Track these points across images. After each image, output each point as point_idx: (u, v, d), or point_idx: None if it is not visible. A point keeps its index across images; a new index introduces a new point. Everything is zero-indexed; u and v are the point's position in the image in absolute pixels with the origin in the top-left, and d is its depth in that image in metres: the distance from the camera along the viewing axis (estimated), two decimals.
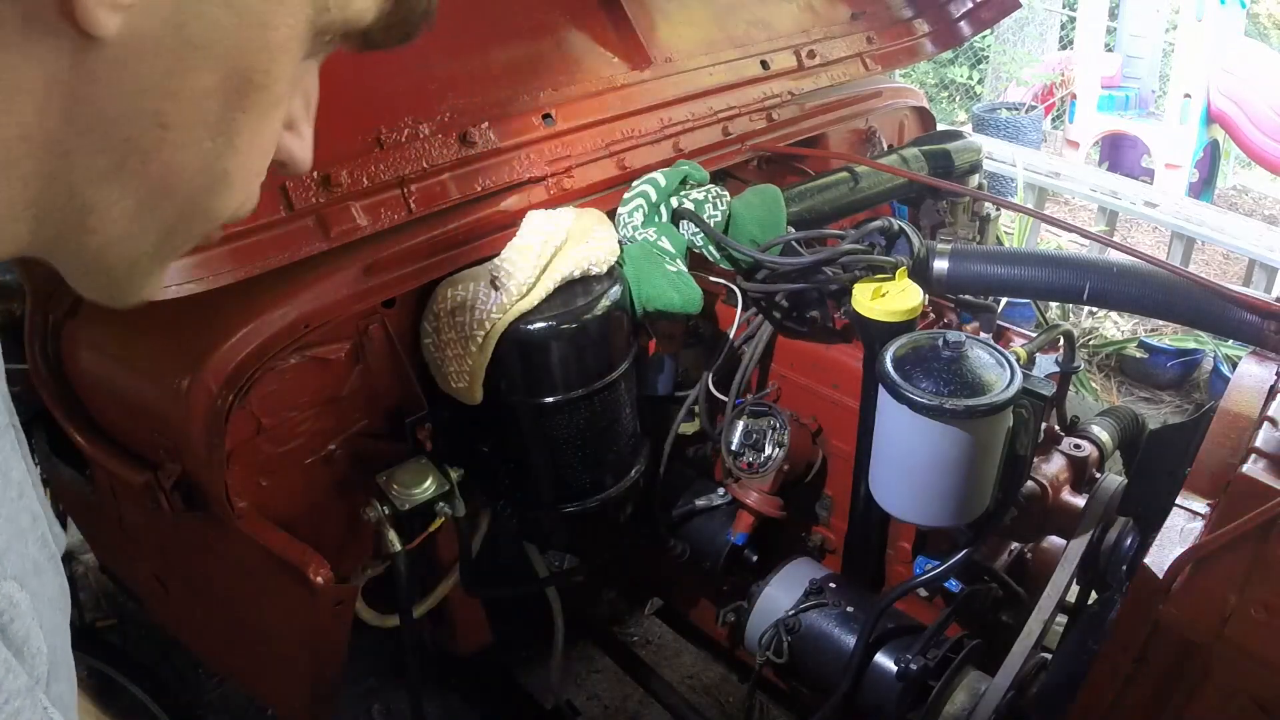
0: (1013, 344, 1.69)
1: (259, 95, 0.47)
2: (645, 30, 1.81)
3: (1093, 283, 1.54)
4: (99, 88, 0.42)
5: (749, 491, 1.64)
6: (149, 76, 0.43)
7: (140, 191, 0.47)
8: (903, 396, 1.27)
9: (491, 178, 1.55)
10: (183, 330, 1.33)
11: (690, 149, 1.81)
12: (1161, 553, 1.11)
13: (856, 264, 1.51)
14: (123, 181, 0.46)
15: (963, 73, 7.79)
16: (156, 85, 0.44)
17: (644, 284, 1.52)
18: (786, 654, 1.53)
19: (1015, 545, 1.62)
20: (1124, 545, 1.47)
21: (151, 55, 0.43)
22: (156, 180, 0.47)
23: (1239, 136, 5.36)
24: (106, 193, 0.46)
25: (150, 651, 2.47)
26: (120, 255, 0.49)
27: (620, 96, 1.74)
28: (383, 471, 1.42)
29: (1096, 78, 5.81)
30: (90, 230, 0.47)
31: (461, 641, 1.83)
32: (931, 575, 1.46)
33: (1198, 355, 4.00)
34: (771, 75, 2.00)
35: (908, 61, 2.37)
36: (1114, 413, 1.79)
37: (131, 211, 0.47)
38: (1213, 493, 1.20)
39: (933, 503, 1.37)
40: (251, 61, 0.46)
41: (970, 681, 1.42)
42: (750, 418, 1.64)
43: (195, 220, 0.51)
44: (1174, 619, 1.06)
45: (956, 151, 2.08)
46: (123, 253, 0.49)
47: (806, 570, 1.63)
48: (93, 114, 0.43)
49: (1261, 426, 1.25)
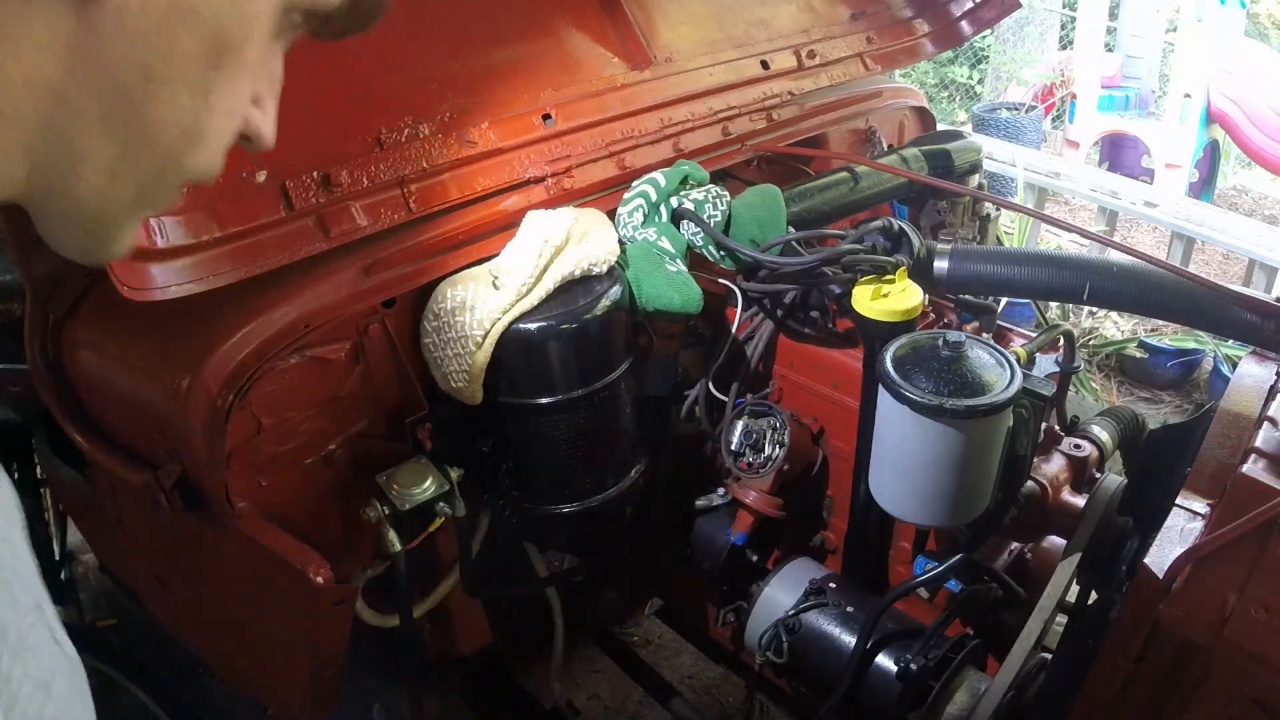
0: (1013, 344, 1.69)
1: (233, 59, 0.52)
2: (645, 30, 1.81)
3: (1093, 283, 1.54)
4: (98, 39, 0.46)
5: (749, 491, 1.64)
6: (143, 32, 0.47)
7: (124, 141, 0.50)
8: (903, 396, 1.27)
9: (491, 178, 1.55)
10: (183, 330, 1.33)
11: (690, 149, 1.81)
12: (1161, 553, 1.11)
13: (857, 264, 1.51)
14: (110, 131, 0.49)
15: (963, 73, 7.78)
16: (148, 40, 0.48)
17: (644, 284, 1.52)
18: (786, 654, 1.53)
19: (1015, 545, 1.62)
20: (1124, 545, 1.47)
21: (147, 12, 0.47)
22: (138, 132, 0.50)
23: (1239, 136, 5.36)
24: (95, 141, 0.49)
25: (150, 651, 2.47)
26: (102, 205, 0.53)
27: (620, 96, 1.74)
28: (383, 471, 1.42)
29: (1096, 78, 5.81)
30: (78, 178, 0.50)
31: (461, 641, 1.83)
32: (931, 575, 1.46)
33: (1198, 355, 4.00)
34: (771, 75, 2.00)
35: (908, 61, 2.37)
36: (1114, 413, 1.79)
37: (115, 161, 0.51)
38: (1213, 493, 1.20)
39: (933, 503, 1.37)
40: (231, 27, 0.51)
41: (970, 681, 1.42)
42: (750, 418, 1.64)
43: (169, 174, 0.54)
44: (1174, 619, 1.06)
45: (956, 151, 2.08)
46: (104, 203, 0.53)
47: (806, 570, 1.63)
48: (90, 63, 0.47)
49: (1261, 426, 1.25)
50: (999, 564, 1.58)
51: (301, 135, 1.35)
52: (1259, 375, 1.44)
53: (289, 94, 0.61)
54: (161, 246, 1.21)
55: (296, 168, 1.33)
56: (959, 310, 1.70)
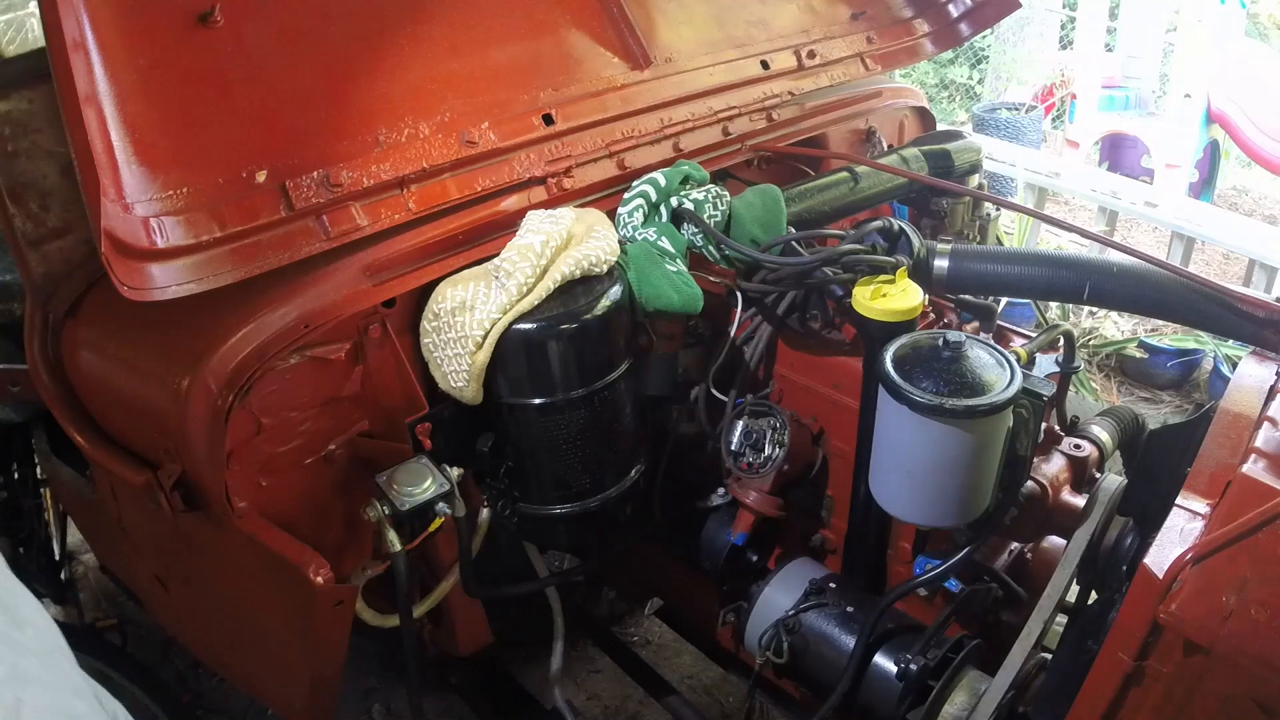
0: (1013, 344, 1.69)
1: None
2: (645, 30, 1.81)
3: (1093, 283, 1.54)
4: None
5: (749, 491, 1.64)
6: None
7: None
8: (903, 396, 1.27)
9: (491, 178, 1.55)
10: (183, 330, 1.33)
11: (690, 149, 1.81)
12: (1161, 553, 1.11)
13: (857, 264, 1.51)
14: None
15: (963, 73, 7.78)
16: None
17: (644, 284, 1.52)
18: (786, 654, 1.53)
19: (1015, 545, 1.62)
20: (1124, 545, 1.47)
21: None
22: None
23: (1239, 136, 5.36)
24: None
25: (150, 651, 2.47)
26: None
27: (620, 96, 1.74)
28: (383, 471, 1.41)
29: (1096, 78, 5.81)
30: None
31: (461, 641, 1.83)
32: (931, 575, 1.46)
33: (1198, 355, 4.00)
34: (771, 75, 2.00)
35: (908, 61, 2.37)
36: (1114, 413, 1.79)
37: None
38: (1213, 493, 1.19)
39: (933, 503, 1.37)
40: None
41: (970, 681, 1.42)
42: (750, 418, 1.64)
43: None
44: (1174, 619, 1.06)
45: (956, 151, 2.08)
46: None
47: (806, 570, 1.63)
48: None
49: (1261, 426, 1.25)
50: (999, 564, 1.58)
51: (301, 135, 1.35)
52: (1259, 375, 1.44)
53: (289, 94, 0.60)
54: (161, 246, 1.21)
55: (296, 168, 1.33)
56: (959, 310, 1.69)
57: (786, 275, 1.58)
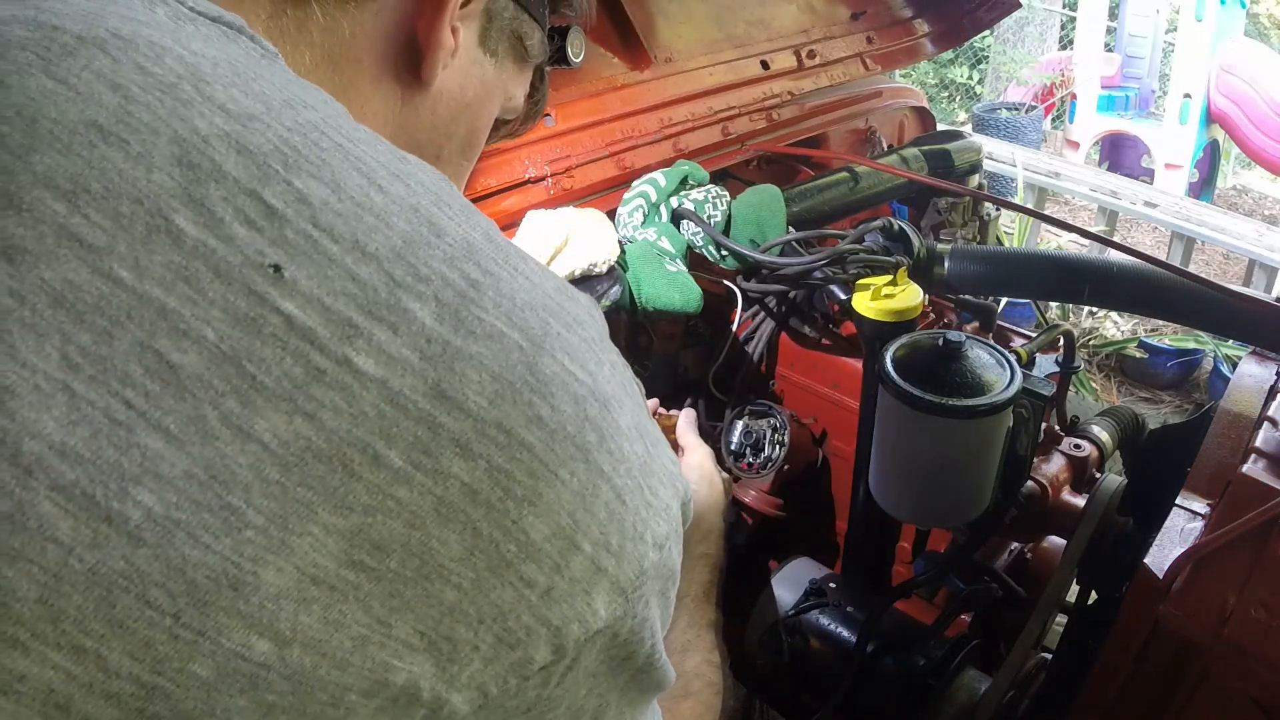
0: (1013, 344, 1.69)
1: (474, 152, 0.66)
2: (645, 30, 1.81)
3: (1093, 283, 1.54)
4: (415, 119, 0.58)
5: (749, 491, 1.64)
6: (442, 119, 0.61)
7: None
8: (903, 396, 1.27)
9: (491, 178, 1.55)
10: None
11: (690, 149, 1.81)
12: (1161, 553, 1.11)
13: (857, 264, 1.51)
14: None
15: (963, 73, 7.79)
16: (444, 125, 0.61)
17: (644, 284, 1.52)
18: (786, 654, 1.53)
19: (1015, 545, 1.62)
20: (1124, 545, 1.47)
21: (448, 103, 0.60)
22: None
23: (1239, 136, 5.37)
24: None
25: None
26: None
27: (620, 96, 1.74)
28: None
29: (1096, 78, 5.82)
30: None
31: None
32: (932, 575, 1.46)
33: (1198, 355, 4.01)
34: (771, 75, 2.00)
35: (908, 61, 2.37)
36: (1114, 413, 1.79)
37: None
38: (1213, 493, 1.20)
39: (933, 503, 1.37)
40: (481, 125, 0.65)
41: (970, 681, 1.42)
42: (750, 418, 1.64)
43: None
44: (1174, 619, 1.06)
45: (956, 151, 2.08)
46: None
47: (807, 570, 1.63)
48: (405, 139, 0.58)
49: (1261, 426, 1.25)
50: (999, 564, 1.58)
51: None
52: (1259, 375, 1.44)
53: None
54: None
55: None
56: (959, 310, 1.70)
57: (786, 275, 1.58)
